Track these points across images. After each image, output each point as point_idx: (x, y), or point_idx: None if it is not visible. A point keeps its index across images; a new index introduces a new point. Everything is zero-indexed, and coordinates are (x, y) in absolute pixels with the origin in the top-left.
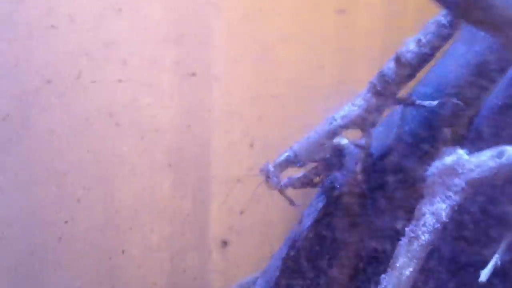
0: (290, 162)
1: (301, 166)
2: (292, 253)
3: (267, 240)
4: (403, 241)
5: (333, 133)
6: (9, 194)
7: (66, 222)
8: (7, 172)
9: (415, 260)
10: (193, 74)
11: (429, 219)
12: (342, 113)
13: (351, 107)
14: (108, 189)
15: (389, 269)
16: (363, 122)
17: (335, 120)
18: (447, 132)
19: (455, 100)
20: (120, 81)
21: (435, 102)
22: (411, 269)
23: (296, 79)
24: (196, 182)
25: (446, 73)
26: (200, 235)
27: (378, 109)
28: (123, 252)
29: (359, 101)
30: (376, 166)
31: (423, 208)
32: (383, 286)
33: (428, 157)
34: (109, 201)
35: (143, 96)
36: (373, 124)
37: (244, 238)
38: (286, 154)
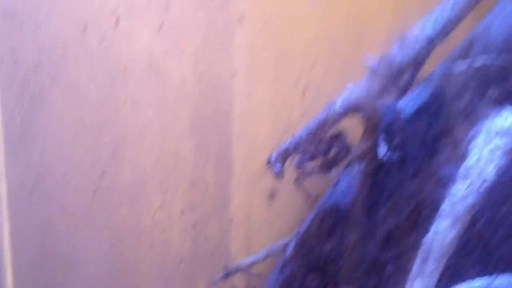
0: (291, 150)
1: (302, 154)
2: (320, 214)
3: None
4: (447, 202)
5: (332, 119)
6: (41, 147)
7: (101, 175)
8: (38, 125)
9: (459, 223)
10: (241, 18)
11: (475, 180)
12: (342, 97)
13: (351, 91)
14: (146, 141)
15: (432, 231)
16: (363, 107)
17: (335, 104)
18: (493, 91)
19: (503, 58)
20: (161, 27)
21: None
22: (455, 232)
23: (355, 20)
24: (241, 133)
25: (492, 31)
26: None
27: (381, 93)
28: (162, 205)
29: (361, 85)
30: (415, 125)
31: (469, 169)
32: (425, 248)
33: (474, 116)
34: (146, 154)
35: (185, 43)
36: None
37: (292, 190)
38: (287, 142)
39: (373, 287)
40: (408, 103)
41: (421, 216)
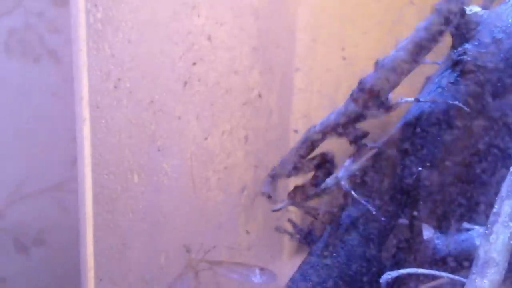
0: (276, 175)
1: (288, 177)
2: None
3: None
4: None
5: (311, 142)
6: (126, 35)
7: (194, 63)
8: (122, 10)
9: None
10: None
11: None
12: (322, 120)
13: (331, 114)
14: (244, 23)
15: None
16: (341, 130)
17: (314, 127)
18: None
19: None
20: None
21: None
22: None
23: None
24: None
25: None
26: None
27: (358, 117)
28: (260, 95)
29: (339, 108)
30: None
31: None
32: None
33: None
34: (245, 38)
35: None
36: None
37: None
38: (275, 166)
39: (458, 207)
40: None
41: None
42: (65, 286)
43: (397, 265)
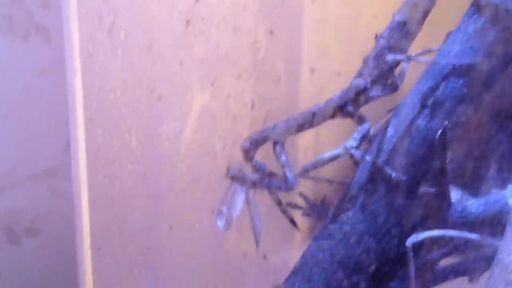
0: (263, 138)
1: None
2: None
3: None
4: None
5: (312, 118)
6: None
7: (196, 0)
8: None
9: None
10: None
11: None
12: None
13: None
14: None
15: None
16: (344, 110)
17: (319, 104)
18: None
19: None
20: None
21: None
22: None
23: None
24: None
25: None
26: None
27: (363, 93)
28: (271, 32)
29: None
30: None
31: None
32: None
33: None
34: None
35: None
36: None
37: None
38: (261, 131)
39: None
40: None
41: None
42: (59, 277)
43: (424, 229)
